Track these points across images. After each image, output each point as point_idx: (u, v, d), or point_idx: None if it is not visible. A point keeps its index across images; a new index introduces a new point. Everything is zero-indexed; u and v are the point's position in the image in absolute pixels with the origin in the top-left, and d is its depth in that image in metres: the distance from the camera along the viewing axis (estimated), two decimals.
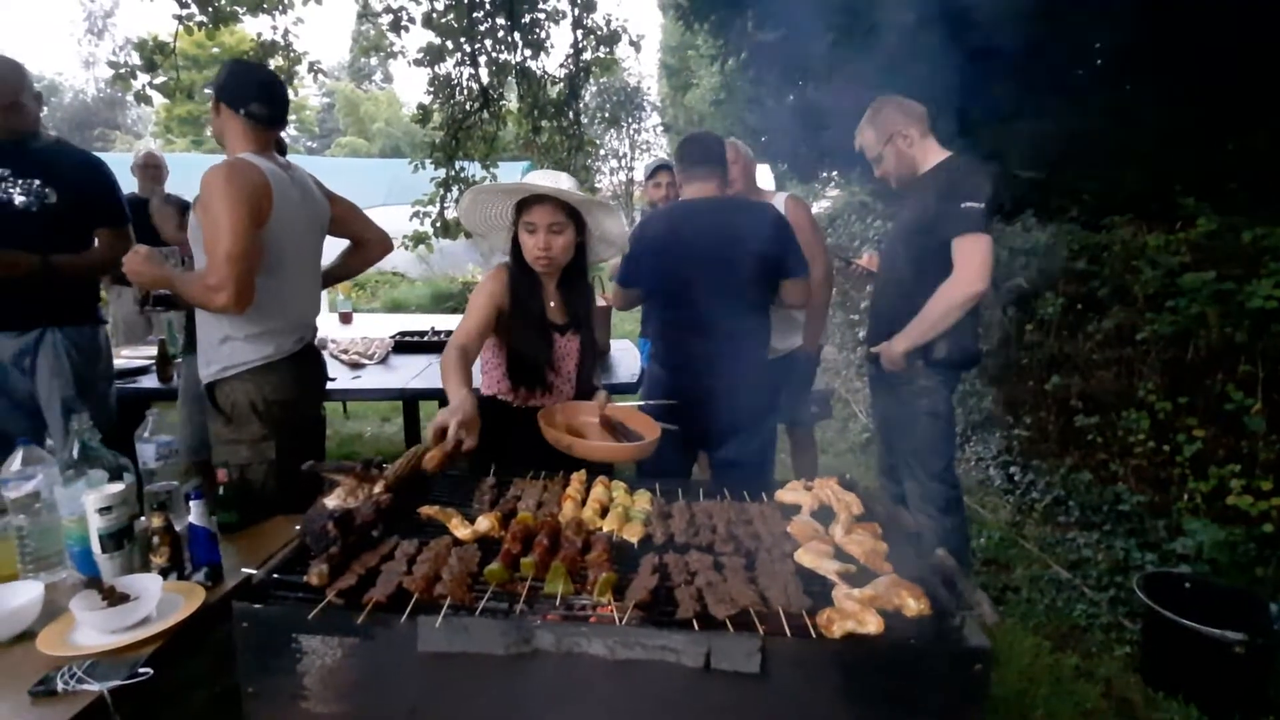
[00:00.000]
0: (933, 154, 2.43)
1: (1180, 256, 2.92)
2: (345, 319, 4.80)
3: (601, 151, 19.75)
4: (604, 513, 1.42)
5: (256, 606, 1.03)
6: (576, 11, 5.25)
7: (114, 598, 1.38)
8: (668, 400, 2.32)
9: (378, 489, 1.31)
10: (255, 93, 2.03)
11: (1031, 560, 3.15)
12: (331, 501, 1.28)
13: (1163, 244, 2.97)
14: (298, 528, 1.24)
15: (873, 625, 1.03)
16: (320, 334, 2.60)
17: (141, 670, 1.24)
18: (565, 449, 1.69)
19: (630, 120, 19.59)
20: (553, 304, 2.01)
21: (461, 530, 1.28)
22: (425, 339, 3.98)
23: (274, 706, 1.03)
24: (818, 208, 10.76)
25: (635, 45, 5.50)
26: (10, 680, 1.22)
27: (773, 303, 2.59)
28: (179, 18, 4.56)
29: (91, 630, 1.35)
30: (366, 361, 3.61)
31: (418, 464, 1.46)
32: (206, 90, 2.12)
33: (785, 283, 2.38)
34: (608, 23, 5.39)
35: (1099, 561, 2.99)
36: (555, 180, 1.88)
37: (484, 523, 1.29)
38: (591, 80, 6.17)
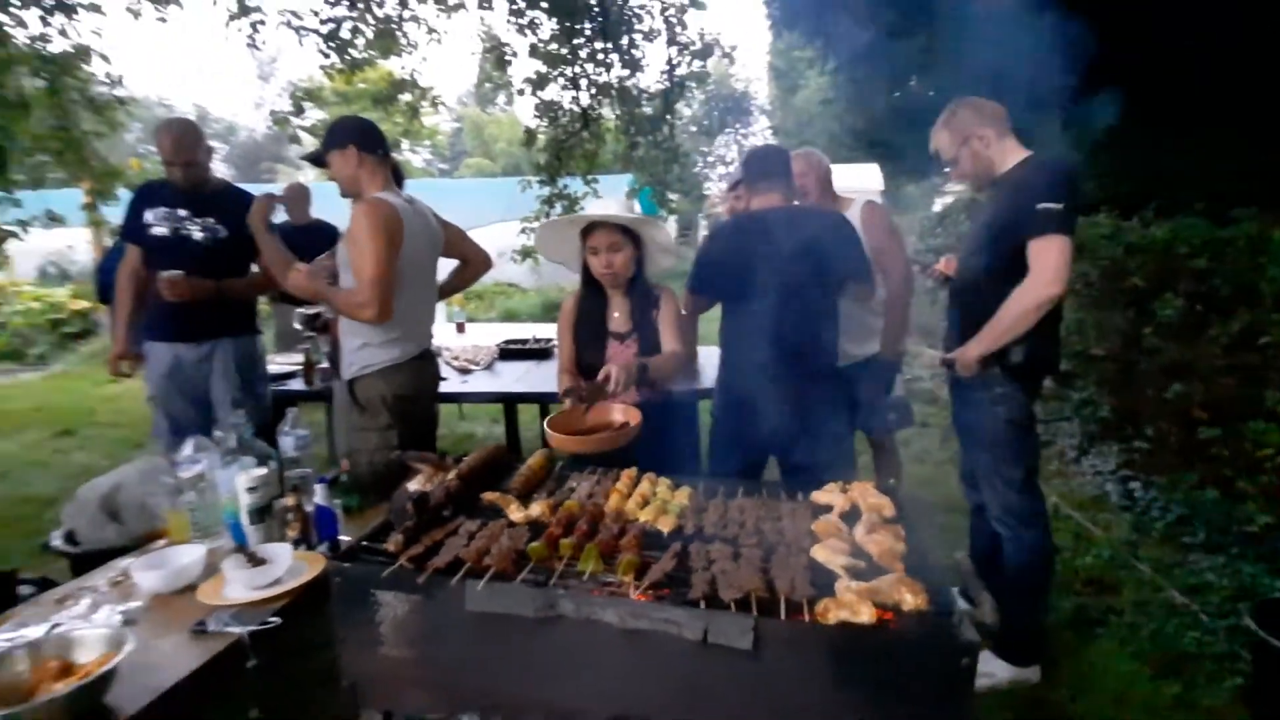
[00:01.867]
0: (1011, 154, 2.37)
1: None
2: (460, 329, 5.27)
3: (709, 158, 19.87)
4: (645, 505, 1.56)
5: (345, 565, 1.28)
6: (670, 29, 5.43)
7: (255, 561, 1.71)
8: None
9: (451, 477, 1.54)
10: (380, 136, 2.41)
11: (1142, 583, 2.92)
12: (413, 485, 1.53)
13: None
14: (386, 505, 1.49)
15: (866, 615, 1.10)
16: (437, 342, 2.96)
17: (271, 619, 1.54)
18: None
19: (737, 125, 19.54)
20: (617, 314, 2.25)
21: (516, 514, 1.48)
22: (526, 347, 4.31)
23: (359, 650, 1.27)
24: (937, 206, 10.29)
25: (729, 56, 5.61)
26: (178, 621, 1.55)
27: (860, 304, 2.64)
28: (323, 67, 5.25)
29: (238, 586, 1.67)
30: (474, 367, 3.97)
31: (489, 459, 1.69)
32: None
33: (851, 287, 2.42)
34: (701, 36, 5.53)
35: (1222, 587, 2.73)
36: (606, 208, 2.14)
37: (536, 508, 1.48)
38: (697, 89, 6.33)
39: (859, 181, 9.93)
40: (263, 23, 4.87)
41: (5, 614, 1.63)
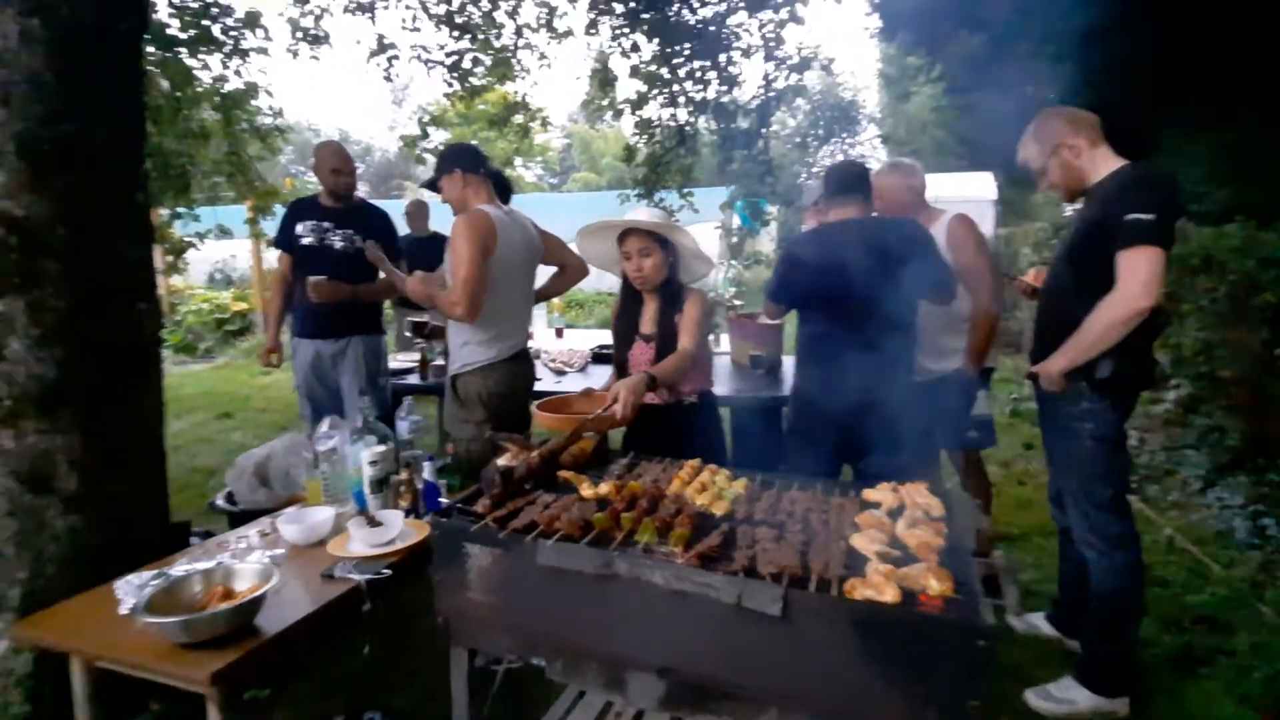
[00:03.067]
0: (1104, 164, 2.30)
1: None
2: (559, 334, 5.62)
3: (814, 168, 19.56)
4: (704, 491, 1.71)
5: (443, 520, 1.52)
6: (768, 45, 5.50)
7: (374, 523, 2.01)
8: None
9: (533, 455, 1.76)
10: (481, 157, 2.71)
11: (1262, 625, 2.69)
12: (501, 461, 1.76)
13: None
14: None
15: (890, 595, 1.19)
16: (536, 345, 3.24)
17: (384, 570, 1.82)
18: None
19: (844, 135, 19.11)
20: (647, 316, 2.45)
21: (587, 491, 1.67)
22: None
23: (451, 591, 1.51)
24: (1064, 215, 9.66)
25: (826, 69, 5.62)
26: (312, 567, 1.88)
27: (940, 320, 2.64)
28: (447, 94, 5.79)
29: (359, 543, 1.98)
30: (568, 369, 4.25)
31: (567, 443, 1.89)
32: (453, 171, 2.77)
33: (925, 297, 2.44)
34: (799, 50, 5.57)
35: None
36: (634, 215, 2.33)
37: (604, 487, 1.67)
38: (801, 100, 6.39)
39: (971, 190, 9.46)
40: (397, 57, 5.45)
41: (181, 553, 2.03)
